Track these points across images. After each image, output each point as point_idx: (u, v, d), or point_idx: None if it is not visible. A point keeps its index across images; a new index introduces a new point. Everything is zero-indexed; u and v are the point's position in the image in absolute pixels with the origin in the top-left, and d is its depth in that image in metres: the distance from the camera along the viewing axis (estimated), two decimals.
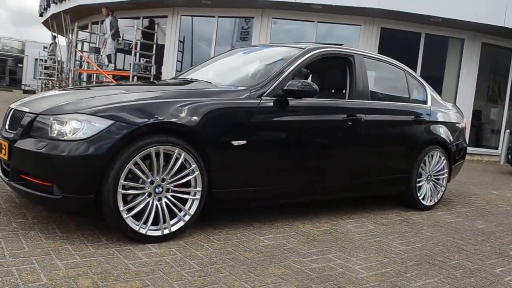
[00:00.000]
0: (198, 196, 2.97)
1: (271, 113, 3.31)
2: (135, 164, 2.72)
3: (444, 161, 4.60)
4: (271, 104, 3.30)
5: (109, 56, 12.81)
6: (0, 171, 3.12)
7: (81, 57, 14.58)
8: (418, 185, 4.41)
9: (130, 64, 12.15)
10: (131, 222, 2.74)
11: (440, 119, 4.63)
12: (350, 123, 3.74)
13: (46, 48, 18.60)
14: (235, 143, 3.09)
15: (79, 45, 15.38)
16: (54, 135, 2.69)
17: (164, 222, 2.86)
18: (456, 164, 4.85)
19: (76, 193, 2.64)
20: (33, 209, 3.25)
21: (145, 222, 2.79)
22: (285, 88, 3.33)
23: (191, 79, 3.91)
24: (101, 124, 2.66)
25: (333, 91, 4.25)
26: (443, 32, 10.23)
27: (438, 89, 10.88)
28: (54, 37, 17.01)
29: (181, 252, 2.75)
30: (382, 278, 2.69)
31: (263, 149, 3.29)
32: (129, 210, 2.74)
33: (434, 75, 10.98)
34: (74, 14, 14.76)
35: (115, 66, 12.99)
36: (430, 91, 4.67)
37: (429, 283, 2.69)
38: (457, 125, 4.91)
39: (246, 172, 3.22)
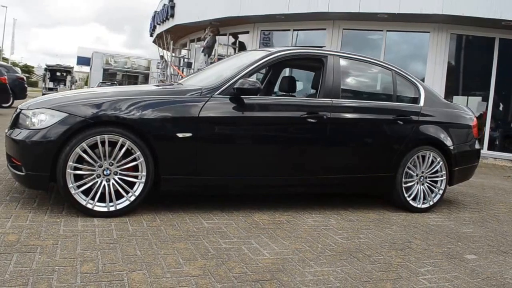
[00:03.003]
0: (143, 180, 3.41)
1: (220, 109, 3.62)
2: (85, 149, 3.26)
3: (441, 163, 4.38)
4: (223, 101, 3.62)
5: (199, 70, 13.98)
6: None
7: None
8: (405, 185, 4.28)
9: None
10: (79, 198, 3.27)
11: (435, 119, 4.42)
12: (311, 121, 3.85)
13: (159, 64, 20.73)
14: (180, 135, 3.47)
15: (180, 60, 16.96)
16: (30, 125, 3.35)
17: (111, 200, 3.35)
18: (461, 168, 4.54)
19: (34, 171, 3.26)
20: None
21: (93, 198, 3.30)
22: (235, 87, 3.62)
23: (174, 81, 4.37)
24: (58, 116, 3.27)
25: (314, 90, 4.35)
26: None
27: None
28: (162, 56, 18.94)
29: (117, 225, 3.19)
30: (278, 262, 2.80)
31: (210, 141, 3.60)
32: (79, 187, 3.28)
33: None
34: (174, 33, 16.39)
35: None
36: (424, 90, 4.48)
37: (323, 270, 2.73)
38: (461, 126, 4.61)
39: (192, 162, 3.56)
